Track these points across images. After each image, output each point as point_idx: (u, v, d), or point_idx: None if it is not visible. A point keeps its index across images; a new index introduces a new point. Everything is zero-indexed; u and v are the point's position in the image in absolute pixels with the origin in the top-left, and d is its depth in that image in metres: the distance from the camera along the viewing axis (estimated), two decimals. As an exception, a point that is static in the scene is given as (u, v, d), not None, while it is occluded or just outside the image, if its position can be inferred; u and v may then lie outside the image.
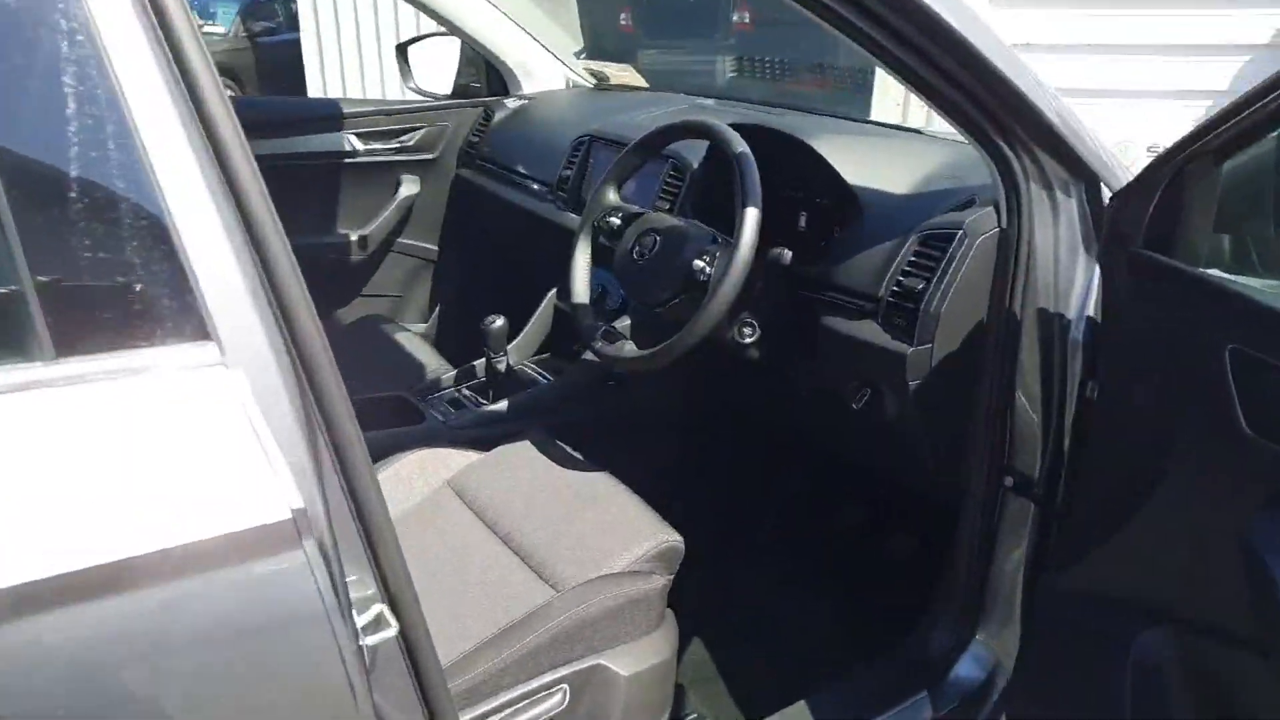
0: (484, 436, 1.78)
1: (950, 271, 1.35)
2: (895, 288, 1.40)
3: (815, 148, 1.53)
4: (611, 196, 1.66)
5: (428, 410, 1.82)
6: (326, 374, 0.79)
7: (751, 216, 1.37)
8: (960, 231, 1.36)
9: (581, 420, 1.90)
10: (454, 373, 1.98)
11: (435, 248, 2.65)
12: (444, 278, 2.68)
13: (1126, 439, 1.25)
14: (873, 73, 4.57)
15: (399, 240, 2.58)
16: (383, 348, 2.17)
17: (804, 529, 2.08)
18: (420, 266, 2.65)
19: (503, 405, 1.83)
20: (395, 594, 0.88)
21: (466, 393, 1.94)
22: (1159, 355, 1.15)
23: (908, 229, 1.43)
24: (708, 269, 1.42)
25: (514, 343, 2.06)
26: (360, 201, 2.50)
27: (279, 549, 0.68)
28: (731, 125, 1.50)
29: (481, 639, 1.26)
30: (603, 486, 1.56)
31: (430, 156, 2.53)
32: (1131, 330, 1.22)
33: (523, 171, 2.29)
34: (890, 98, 4.49)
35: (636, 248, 1.53)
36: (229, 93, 0.73)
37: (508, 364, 1.90)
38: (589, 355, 1.89)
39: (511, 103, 2.55)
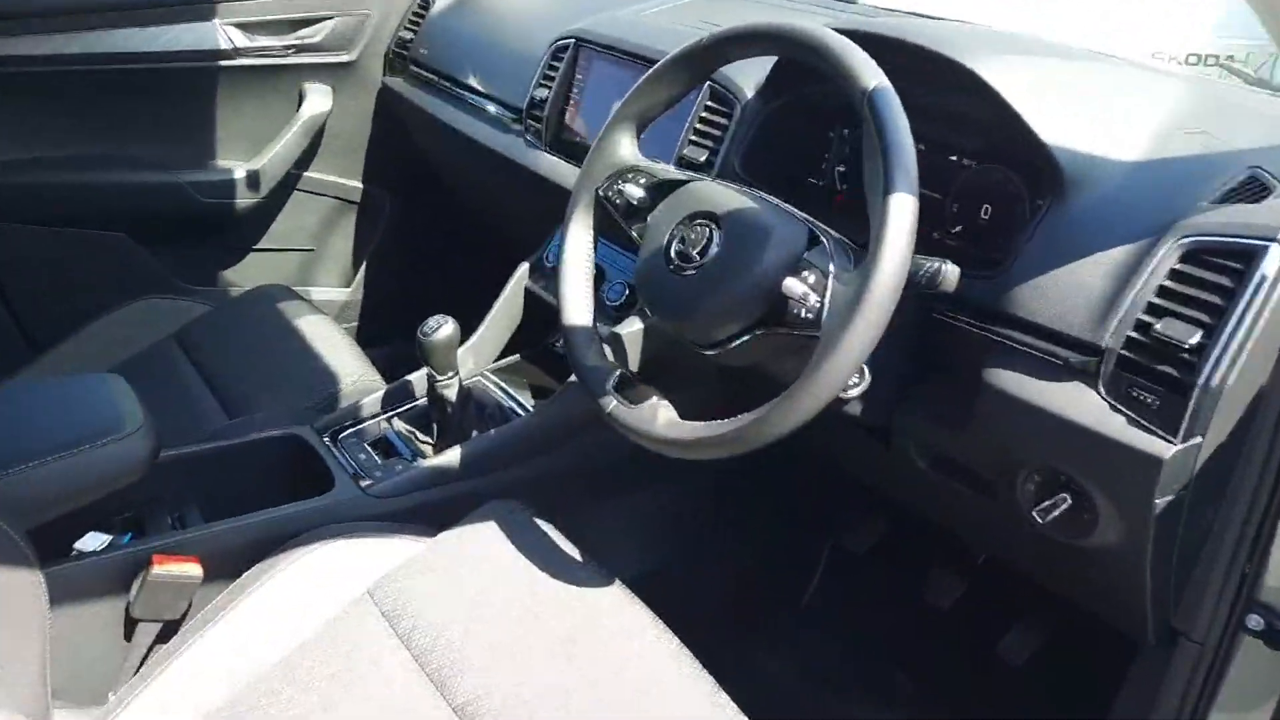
0: (423, 506, 1.19)
1: (1250, 315, 0.76)
2: (1136, 334, 0.80)
3: (983, 75, 0.90)
4: (627, 149, 1.02)
5: (337, 465, 1.21)
6: None
7: (904, 213, 0.76)
8: (1270, 244, 0.76)
9: (570, 469, 1.31)
10: (381, 393, 1.35)
11: (358, 184, 1.97)
12: (371, 224, 2.01)
13: None
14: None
15: (305, 175, 1.90)
16: (279, 343, 1.53)
17: (876, 605, 1.53)
18: (337, 210, 1.98)
19: (453, 456, 1.22)
20: None
21: (400, 428, 1.32)
22: None
23: (1155, 229, 0.82)
24: (813, 297, 0.81)
25: (469, 343, 1.43)
26: (247, 122, 1.80)
27: None
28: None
29: None
30: (611, 614, 1.00)
31: (346, 58, 1.83)
32: None
33: (476, 86, 1.61)
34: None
35: (677, 244, 0.91)
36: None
37: (459, 384, 1.28)
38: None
39: (457, -16, 1.85)
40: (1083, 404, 0.83)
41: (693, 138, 1.20)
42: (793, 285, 0.81)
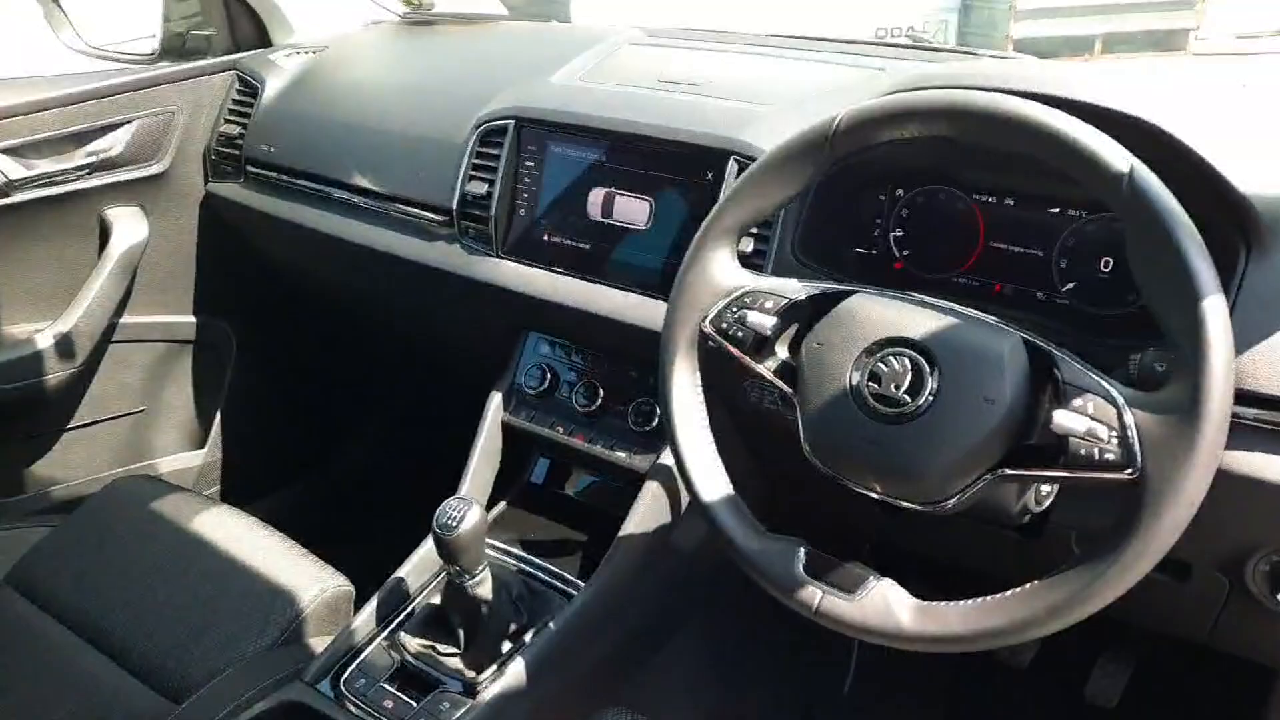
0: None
1: None
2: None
3: (1161, 123, 0.78)
4: (731, 269, 0.82)
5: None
6: None
7: (1220, 321, 0.62)
8: None
9: (625, 637, 1.08)
10: (373, 604, 1.04)
11: (189, 318, 1.57)
12: (215, 363, 1.61)
13: None
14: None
15: (123, 321, 1.48)
16: (179, 559, 1.15)
17: (931, 675, 1.42)
18: (168, 355, 1.57)
19: (515, 673, 0.95)
20: None
21: (414, 646, 1.01)
22: None
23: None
24: (1103, 431, 0.65)
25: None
26: (41, 272, 1.37)
27: None
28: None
29: None
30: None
31: (155, 169, 1.44)
32: None
33: (365, 186, 1.31)
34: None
35: (869, 383, 0.72)
36: None
37: (488, 577, 1.00)
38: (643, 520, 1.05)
39: (285, 59, 1.51)
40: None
41: (730, 225, 1.00)
42: (1072, 421, 0.66)
